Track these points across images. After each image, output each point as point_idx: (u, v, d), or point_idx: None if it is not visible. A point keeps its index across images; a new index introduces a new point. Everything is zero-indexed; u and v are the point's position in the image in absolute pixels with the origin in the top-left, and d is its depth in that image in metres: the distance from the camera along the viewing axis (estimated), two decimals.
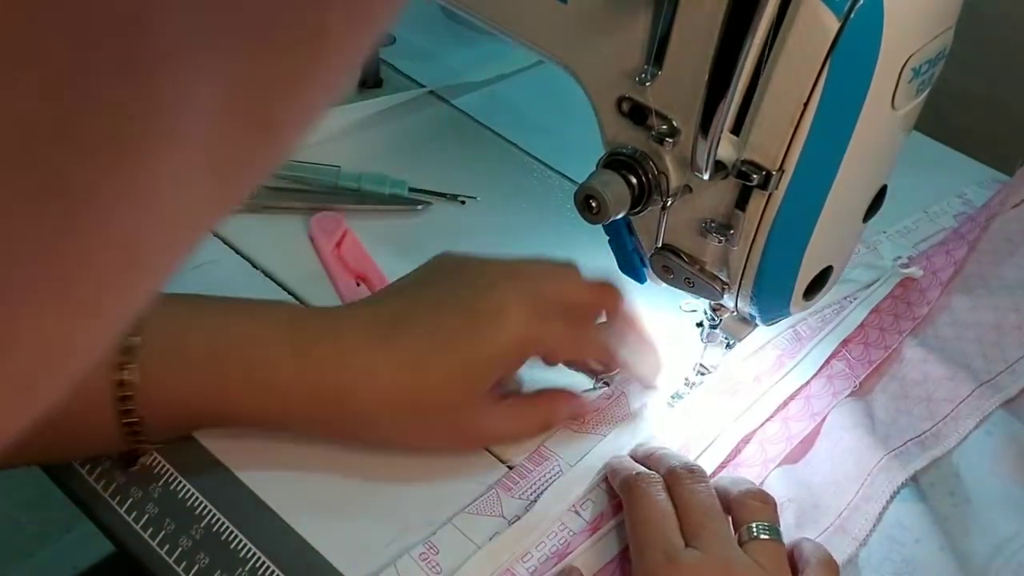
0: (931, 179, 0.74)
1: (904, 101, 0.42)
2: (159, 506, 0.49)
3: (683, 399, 0.57)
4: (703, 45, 0.42)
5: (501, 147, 0.74)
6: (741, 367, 0.58)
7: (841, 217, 0.45)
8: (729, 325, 0.52)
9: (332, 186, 0.67)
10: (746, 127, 0.43)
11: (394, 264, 0.62)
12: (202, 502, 0.49)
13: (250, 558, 0.47)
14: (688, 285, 0.50)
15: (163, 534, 0.48)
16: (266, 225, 0.64)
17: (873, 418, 0.57)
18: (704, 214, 0.47)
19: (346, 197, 0.67)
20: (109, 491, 0.50)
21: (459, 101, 0.78)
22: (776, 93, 0.41)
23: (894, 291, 0.64)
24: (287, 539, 0.48)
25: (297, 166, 0.67)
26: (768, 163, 0.43)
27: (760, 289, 0.48)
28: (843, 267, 0.50)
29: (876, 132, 0.42)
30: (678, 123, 0.45)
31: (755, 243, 0.46)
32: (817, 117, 0.41)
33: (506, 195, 0.70)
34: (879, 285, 0.64)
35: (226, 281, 0.60)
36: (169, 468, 0.50)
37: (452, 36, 0.85)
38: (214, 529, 0.48)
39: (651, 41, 0.44)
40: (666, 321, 0.61)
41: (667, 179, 0.47)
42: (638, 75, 0.45)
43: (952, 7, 0.42)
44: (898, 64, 0.40)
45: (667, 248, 0.50)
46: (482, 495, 0.51)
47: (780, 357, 0.59)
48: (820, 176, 0.43)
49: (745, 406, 0.56)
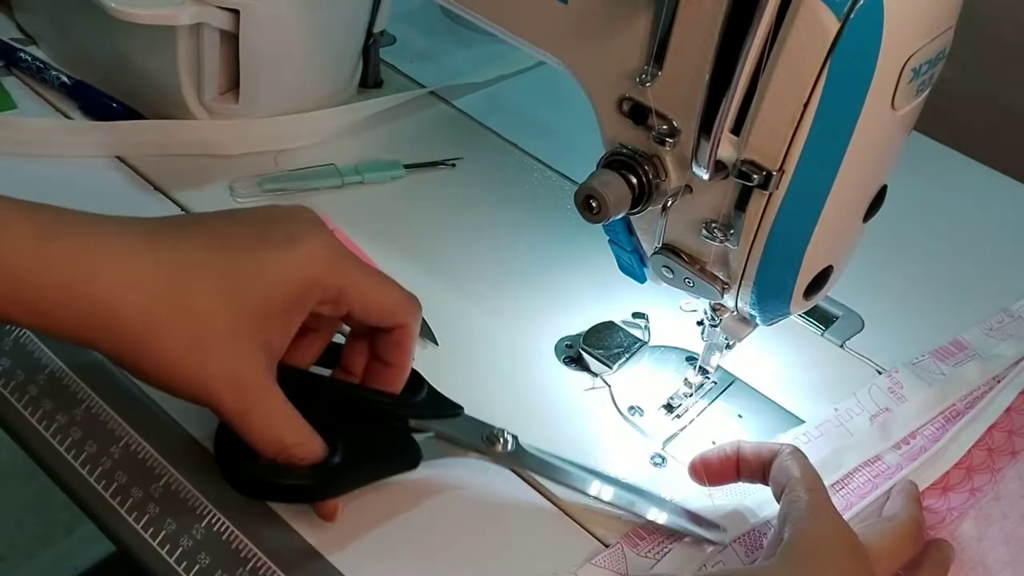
0: (931, 179, 0.74)
1: (904, 101, 0.42)
2: (160, 506, 0.49)
3: (682, 403, 0.57)
4: (703, 45, 0.42)
5: (501, 147, 0.74)
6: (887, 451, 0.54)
7: (841, 217, 0.45)
8: (729, 325, 0.52)
9: (338, 183, 0.68)
10: (746, 127, 0.43)
11: (389, 257, 0.62)
12: (202, 502, 0.49)
13: (250, 558, 0.47)
14: (688, 285, 0.50)
15: (164, 534, 0.48)
16: None
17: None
18: (704, 214, 0.47)
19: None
20: (110, 491, 0.50)
21: (459, 101, 0.78)
22: (776, 93, 0.41)
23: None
24: (287, 539, 0.48)
25: (297, 173, 0.67)
26: (768, 163, 0.43)
27: (760, 289, 0.48)
28: (843, 267, 0.50)
29: (876, 132, 0.42)
30: (678, 123, 0.45)
31: (755, 243, 0.46)
32: (817, 117, 0.41)
33: (506, 195, 0.70)
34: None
35: None
36: (169, 468, 0.50)
37: (452, 36, 0.85)
38: (214, 529, 0.48)
39: (651, 41, 0.44)
40: (666, 321, 0.61)
41: (667, 179, 0.47)
42: (638, 75, 0.45)
43: (952, 7, 0.42)
44: (898, 64, 0.40)
45: (667, 248, 0.50)
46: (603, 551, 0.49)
47: (923, 445, 0.55)
48: (820, 176, 0.43)
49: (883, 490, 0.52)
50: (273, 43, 0.66)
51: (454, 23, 0.86)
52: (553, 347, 0.60)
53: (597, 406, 0.57)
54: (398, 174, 0.69)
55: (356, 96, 0.75)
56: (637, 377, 0.58)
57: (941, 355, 0.61)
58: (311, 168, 0.68)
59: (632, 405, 0.57)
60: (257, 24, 0.64)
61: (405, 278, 0.61)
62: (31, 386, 0.54)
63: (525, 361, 0.59)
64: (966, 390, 0.58)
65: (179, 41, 0.64)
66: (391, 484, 0.51)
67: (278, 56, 0.67)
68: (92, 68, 0.71)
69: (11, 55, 0.73)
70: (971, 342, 0.62)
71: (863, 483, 0.53)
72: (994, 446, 0.55)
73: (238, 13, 0.63)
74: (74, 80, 0.71)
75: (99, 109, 0.69)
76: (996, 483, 0.54)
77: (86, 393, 0.53)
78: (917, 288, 0.67)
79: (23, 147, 0.66)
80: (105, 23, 0.62)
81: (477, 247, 0.66)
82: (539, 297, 0.63)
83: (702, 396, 0.58)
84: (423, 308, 0.50)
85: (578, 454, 0.54)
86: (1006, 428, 0.56)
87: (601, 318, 0.61)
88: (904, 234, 0.70)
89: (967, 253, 0.71)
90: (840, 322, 0.64)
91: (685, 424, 0.56)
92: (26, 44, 0.74)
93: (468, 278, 0.63)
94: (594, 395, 0.58)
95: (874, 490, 0.52)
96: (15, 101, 0.70)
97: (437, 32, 0.86)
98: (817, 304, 0.51)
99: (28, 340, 0.55)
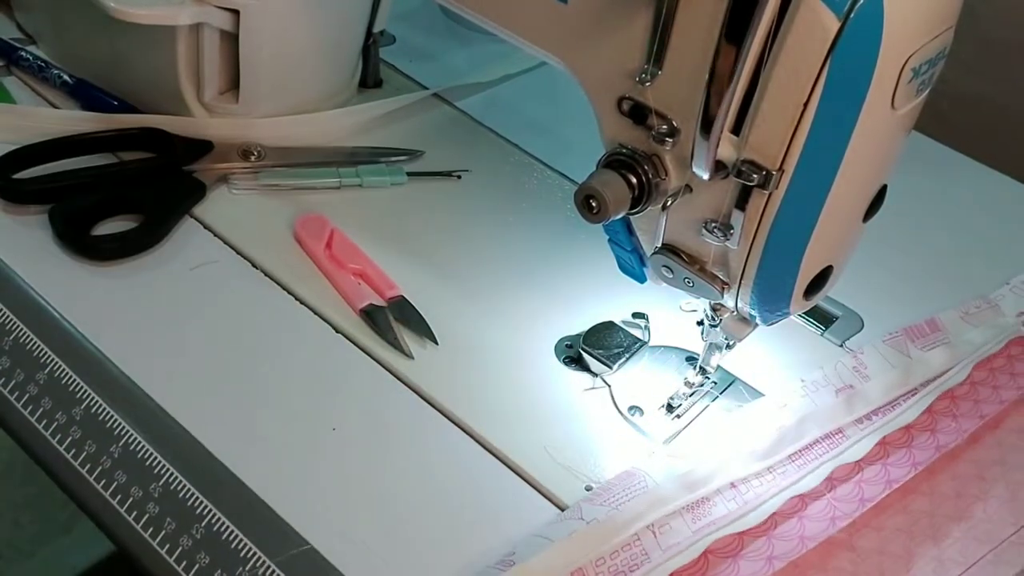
0: (931, 179, 0.74)
1: (904, 101, 0.42)
2: (159, 505, 0.49)
3: (682, 403, 0.57)
4: (703, 45, 0.42)
5: (501, 147, 0.74)
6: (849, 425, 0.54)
7: (841, 217, 0.45)
8: (729, 325, 0.52)
9: (336, 184, 0.68)
10: (746, 127, 0.43)
11: (388, 256, 0.62)
12: (202, 501, 0.49)
13: (250, 558, 0.47)
14: (688, 285, 0.50)
15: (163, 533, 0.48)
16: (266, 224, 0.64)
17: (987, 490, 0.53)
18: (704, 214, 0.47)
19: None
20: (109, 491, 0.50)
21: (459, 101, 0.78)
22: (776, 93, 0.41)
23: (1010, 349, 0.59)
24: (287, 539, 0.48)
25: (298, 171, 0.67)
26: (768, 163, 0.43)
27: (760, 289, 0.48)
28: (843, 267, 0.50)
29: (876, 132, 0.42)
30: (678, 123, 0.45)
31: (755, 243, 0.46)
32: (817, 117, 0.41)
33: (506, 195, 0.70)
34: (994, 344, 0.59)
35: (226, 281, 0.60)
36: (169, 468, 0.50)
37: (452, 36, 0.85)
38: (214, 528, 0.48)
39: (651, 41, 0.44)
40: (666, 321, 0.61)
41: (667, 179, 0.47)
42: (638, 75, 0.45)
43: (952, 7, 0.42)
44: (898, 64, 0.40)
45: (667, 248, 0.50)
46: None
47: (884, 414, 0.55)
48: (820, 176, 0.43)
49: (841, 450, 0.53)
50: (273, 43, 0.66)
51: (454, 23, 0.86)
52: (553, 347, 0.60)
53: (597, 406, 0.57)
54: (399, 180, 0.69)
55: (356, 96, 0.75)
56: (637, 377, 0.58)
57: (913, 334, 0.60)
58: (309, 167, 0.68)
59: (632, 405, 0.57)
60: (257, 24, 0.64)
61: (405, 277, 0.61)
62: (31, 385, 0.54)
63: (525, 361, 0.59)
64: (929, 375, 0.57)
65: (179, 41, 0.64)
66: (392, 484, 0.51)
67: (278, 56, 0.67)
68: (92, 68, 0.71)
69: (11, 54, 0.73)
70: (946, 324, 0.61)
71: (820, 453, 0.53)
72: (959, 413, 0.56)
73: (238, 13, 0.63)
74: (76, 79, 0.71)
75: (100, 108, 0.69)
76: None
77: (86, 392, 0.53)
78: (917, 288, 0.67)
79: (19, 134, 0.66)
80: (105, 23, 0.62)
81: (477, 247, 0.66)
82: (539, 297, 0.63)
83: (702, 396, 0.58)
84: (423, 307, 0.50)
85: (578, 454, 0.54)
86: (971, 398, 0.57)
87: (601, 318, 0.61)
88: (904, 234, 0.70)
89: (967, 253, 0.71)
90: (840, 322, 0.64)
91: (685, 424, 0.56)
92: (26, 44, 0.74)
93: (468, 277, 0.63)
94: (594, 395, 0.58)
95: (830, 460, 0.52)
96: (15, 100, 0.70)
97: (437, 32, 0.86)
98: (817, 304, 0.51)
99: (28, 339, 0.55)
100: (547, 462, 0.53)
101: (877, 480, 0.53)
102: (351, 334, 0.58)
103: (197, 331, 0.57)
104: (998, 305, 0.63)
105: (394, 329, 0.58)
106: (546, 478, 0.52)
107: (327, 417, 0.54)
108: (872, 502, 0.51)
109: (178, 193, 0.64)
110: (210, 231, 0.63)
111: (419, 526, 0.50)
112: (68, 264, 0.60)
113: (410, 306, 0.60)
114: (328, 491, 0.50)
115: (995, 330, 0.60)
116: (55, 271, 0.59)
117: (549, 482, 0.52)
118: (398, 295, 0.60)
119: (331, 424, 0.53)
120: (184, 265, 0.61)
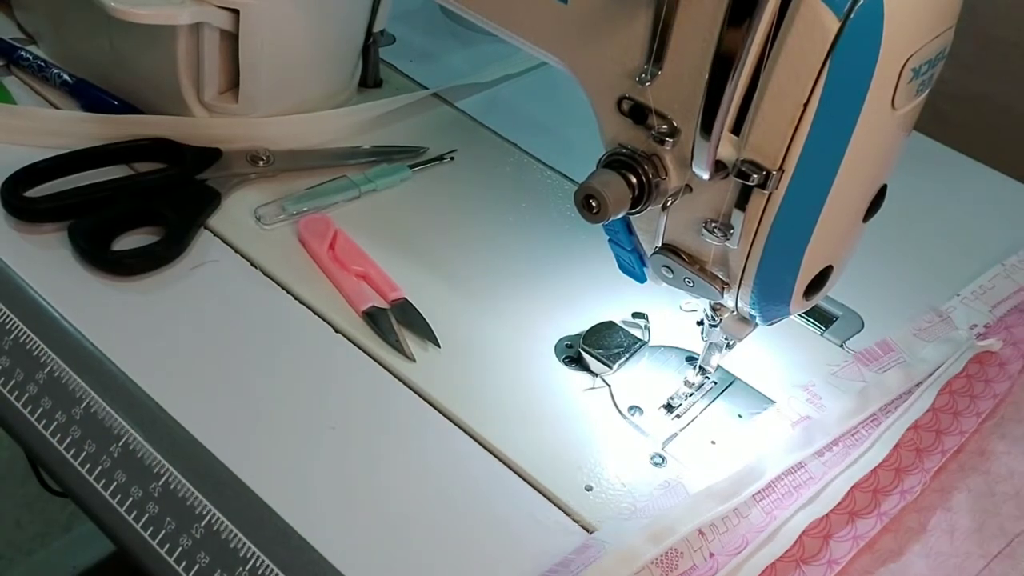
0: (931, 179, 0.74)
1: (904, 101, 0.42)
2: (159, 505, 0.49)
3: (682, 402, 0.57)
4: (703, 45, 0.42)
5: (501, 147, 0.74)
6: (810, 459, 0.53)
7: (841, 217, 0.45)
8: (729, 325, 0.52)
9: (355, 195, 0.67)
10: (746, 127, 0.43)
11: (389, 258, 0.62)
12: (202, 501, 0.49)
13: (250, 558, 0.47)
14: (688, 285, 0.50)
15: (163, 533, 0.48)
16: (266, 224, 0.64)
17: (953, 522, 0.52)
18: (704, 214, 0.47)
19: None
20: (109, 490, 0.50)
21: (459, 101, 0.78)
22: (776, 93, 0.41)
23: (968, 368, 0.58)
24: (287, 539, 0.48)
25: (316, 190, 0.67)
26: (768, 163, 0.43)
27: (760, 289, 0.48)
28: (843, 267, 0.50)
29: (876, 132, 0.42)
30: (678, 123, 0.45)
31: (755, 243, 0.46)
32: (817, 117, 0.41)
33: (506, 195, 0.70)
34: (952, 362, 0.57)
35: (226, 281, 0.60)
36: (169, 468, 0.50)
37: (452, 36, 0.85)
38: (214, 528, 0.48)
39: (651, 41, 0.44)
40: (666, 321, 0.61)
41: (667, 179, 0.47)
42: (638, 75, 0.45)
43: (952, 7, 0.42)
44: (898, 64, 0.40)
45: (667, 248, 0.50)
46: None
47: (846, 447, 0.54)
48: (820, 176, 0.43)
49: (807, 498, 0.51)
50: (273, 43, 0.66)
51: (454, 23, 0.86)
52: (553, 347, 0.60)
53: (597, 406, 0.57)
54: (406, 175, 0.69)
55: (356, 96, 0.75)
56: (637, 377, 0.58)
57: (865, 358, 0.59)
58: (326, 183, 0.68)
59: (632, 405, 0.57)
60: (257, 24, 0.64)
61: (405, 279, 0.61)
62: (30, 385, 0.54)
63: (525, 361, 0.59)
64: (887, 398, 0.56)
65: (179, 40, 0.64)
66: (392, 484, 0.51)
67: (278, 56, 0.67)
68: (92, 67, 0.71)
69: (11, 54, 0.73)
70: (898, 343, 0.60)
71: (785, 493, 0.51)
72: (922, 447, 0.54)
73: (238, 13, 0.63)
74: (76, 78, 0.71)
75: (100, 108, 0.69)
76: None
77: (85, 392, 0.53)
78: (917, 288, 0.67)
79: (22, 136, 0.66)
80: (105, 22, 0.62)
81: (477, 247, 0.66)
82: (539, 297, 0.63)
83: (702, 396, 0.58)
84: (424, 308, 0.50)
85: (578, 454, 0.54)
86: (933, 428, 0.55)
87: (601, 318, 0.61)
88: (904, 234, 0.70)
89: (967, 253, 0.71)
90: (840, 322, 0.64)
91: (685, 424, 0.56)
92: (26, 43, 0.74)
93: (468, 278, 0.63)
94: (594, 395, 0.58)
95: (797, 500, 0.51)
96: (15, 100, 0.70)
97: (437, 32, 0.86)
98: (817, 304, 0.51)
99: (28, 339, 0.55)
100: (547, 462, 0.53)
101: (845, 537, 0.51)
102: (353, 336, 0.58)
103: (197, 331, 0.57)
104: (950, 318, 0.62)
105: (396, 332, 0.58)
106: (546, 478, 0.52)
107: (328, 418, 0.54)
108: (839, 564, 0.50)
109: (196, 203, 0.64)
110: (210, 231, 0.63)
111: (419, 526, 0.50)
112: (85, 278, 0.59)
113: (413, 309, 0.60)
114: (329, 491, 0.50)
115: (950, 345, 0.59)
116: (73, 286, 0.58)
117: (549, 482, 0.52)
118: (401, 297, 0.60)
119: (331, 424, 0.53)
120: (187, 267, 0.61)
